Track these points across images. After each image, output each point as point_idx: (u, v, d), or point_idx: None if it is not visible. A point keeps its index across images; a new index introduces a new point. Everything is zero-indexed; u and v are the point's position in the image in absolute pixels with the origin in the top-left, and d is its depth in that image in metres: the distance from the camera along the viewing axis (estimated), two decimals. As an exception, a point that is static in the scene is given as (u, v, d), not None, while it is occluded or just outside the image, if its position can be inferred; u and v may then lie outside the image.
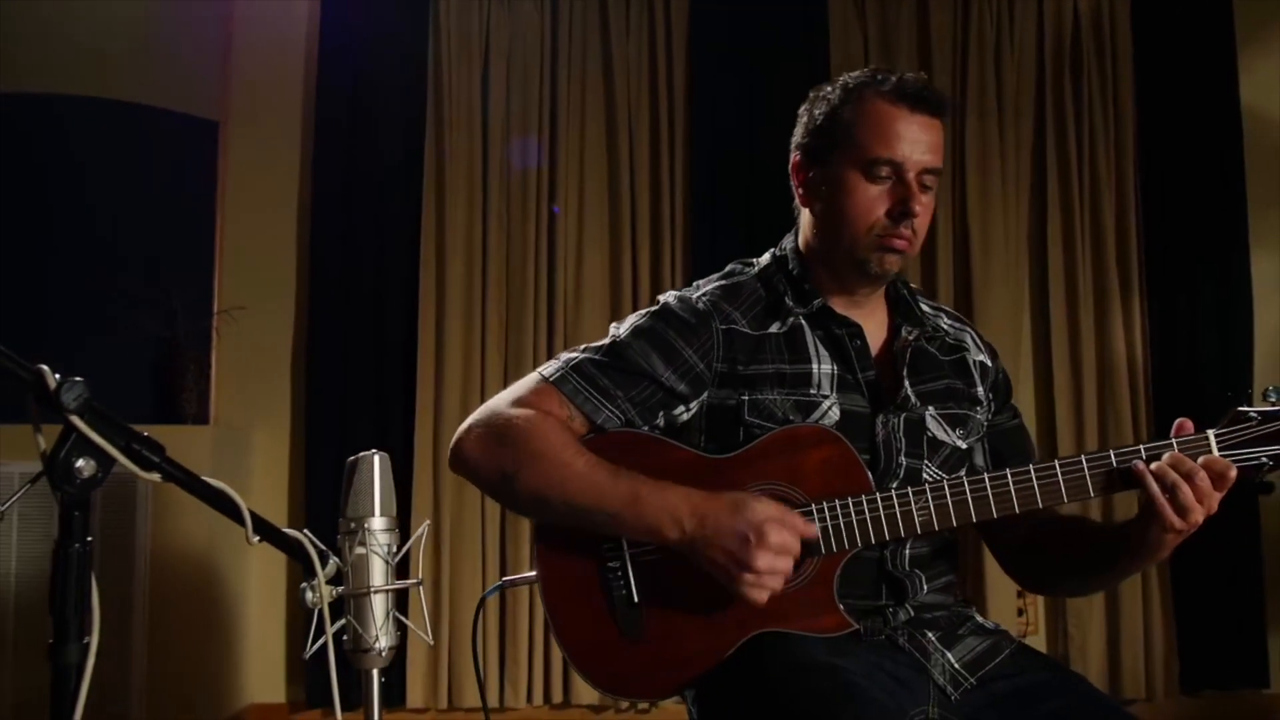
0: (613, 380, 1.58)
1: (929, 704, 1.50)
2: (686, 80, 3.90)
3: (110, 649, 3.39)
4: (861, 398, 1.59)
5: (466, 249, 3.83)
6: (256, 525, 1.16)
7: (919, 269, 3.88)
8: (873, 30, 3.93)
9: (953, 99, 3.88)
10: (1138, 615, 3.76)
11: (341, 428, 3.69)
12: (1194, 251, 3.89)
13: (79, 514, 1.06)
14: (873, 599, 1.55)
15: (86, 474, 1.05)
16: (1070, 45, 3.96)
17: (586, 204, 3.87)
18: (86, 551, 1.06)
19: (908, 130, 1.56)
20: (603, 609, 1.52)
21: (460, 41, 3.86)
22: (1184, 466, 1.41)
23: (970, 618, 1.61)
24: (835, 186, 1.59)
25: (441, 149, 3.84)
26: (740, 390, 1.58)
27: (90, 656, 1.07)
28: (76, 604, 1.06)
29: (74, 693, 1.06)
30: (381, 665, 1.23)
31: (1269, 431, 1.44)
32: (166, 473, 1.10)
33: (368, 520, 1.25)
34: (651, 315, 1.64)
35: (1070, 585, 1.77)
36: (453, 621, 3.68)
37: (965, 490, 1.47)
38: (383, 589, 1.22)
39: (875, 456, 1.56)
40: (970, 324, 1.81)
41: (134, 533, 3.42)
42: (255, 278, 3.86)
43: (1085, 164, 3.91)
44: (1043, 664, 1.58)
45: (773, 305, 1.64)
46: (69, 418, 1.01)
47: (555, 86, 3.89)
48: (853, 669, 1.39)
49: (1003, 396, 1.76)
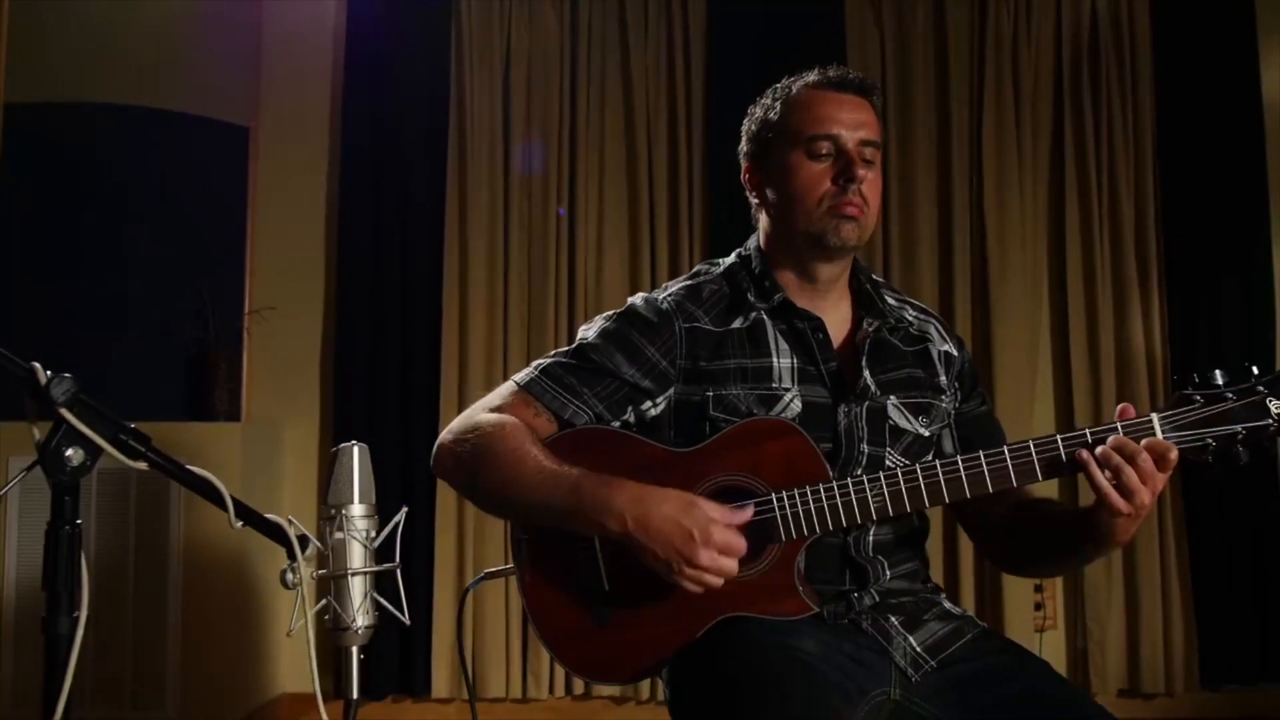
0: (578, 379, 1.66)
1: (890, 685, 1.56)
2: (704, 82, 3.95)
3: (146, 643, 3.52)
4: (823, 388, 1.65)
5: (489, 249, 3.91)
6: (239, 511, 1.25)
7: (936, 264, 3.90)
8: (889, 30, 3.96)
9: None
10: (1157, 609, 3.75)
11: (369, 423, 3.78)
12: (1214, 244, 3.87)
13: (69, 498, 1.16)
14: (837, 584, 1.61)
15: (76, 462, 1.15)
16: (1089, 41, 3.95)
17: (606, 204, 3.94)
18: (76, 533, 1.16)
19: (838, 109, 1.66)
20: (575, 598, 1.59)
21: (482, 47, 3.94)
22: (1127, 450, 1.44)
23: (937, 603, 1.67)
24: (782, 173, 1.68)
25: (464, 152, 3.92)
26: (705, 386, 1.65)
27: (79, 629, 1.16)
28: (67, 580, 1.15)
29: (64, 661, 1.14)
30: (360, 643, 1.32)
31: (1212, 414, 1.47)
32: (152, 461, 1.19)
33: (347, 507, 1.33)
34: (617, 317, 1.72)
35: (1041, 568, 1.82)
36: (477, 613, 3.76)
37: (918, 476, 1.52)
38: (360, 571, 1.30)
39: (838, 445, 1.62)
40: (936, 315, 1.86)
41: (167, 530, 3.54)
42: (285, 279, 3.98)
43: (1104, 158, 3.90)
44: (1004, 648, 1.63)
45: (735, 302, 1.71)
46: (58, 410, 1.10)
47: (574, 90, 3.96)
48: (810, 650, 1.45)
49: (969, 385, 1.81)
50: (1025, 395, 3.83)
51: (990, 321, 3.85)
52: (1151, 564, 3.76)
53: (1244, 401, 1.47)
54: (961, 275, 3.88)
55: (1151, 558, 3.76)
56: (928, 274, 3.89)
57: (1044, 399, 3.94)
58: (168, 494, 3.54)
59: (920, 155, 3.92)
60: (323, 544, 1.31)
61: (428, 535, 3.76)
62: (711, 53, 3.95)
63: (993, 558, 1.82)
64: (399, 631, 3.76)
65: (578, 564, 1.59)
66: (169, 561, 3.55)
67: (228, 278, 3.93)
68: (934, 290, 3.88)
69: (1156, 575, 3.77)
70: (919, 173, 3.92)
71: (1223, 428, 1.47)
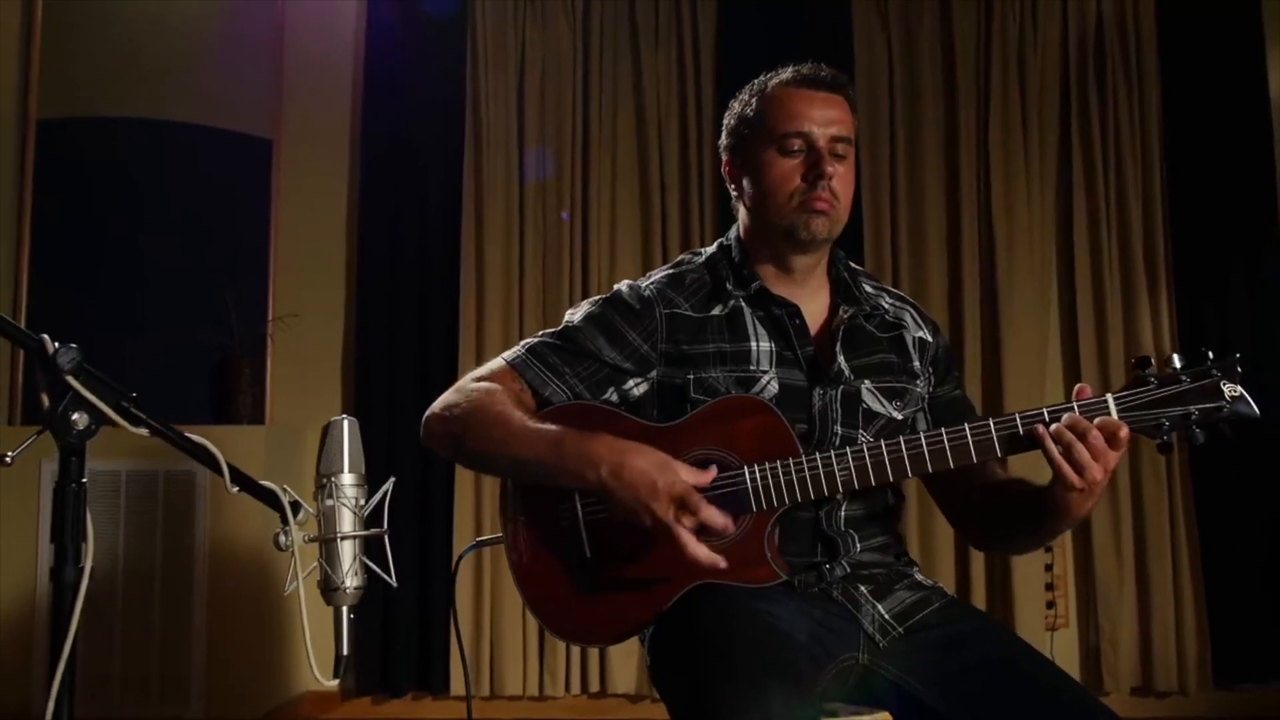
0: (561, 359, 1.75)
1: (859, 650, 1.64)
2: (714, 88, 4.02)
3: (171, 642, 3.62)
4: (800, 372, 1.73)
5: (504, 255, 3.99)
6: (234, 476, 1.34)
7: (945, 266, 3.94)
8: (896, 34, 4.01)
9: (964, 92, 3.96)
10: (1169, 607, 3.77)
11: (388, 427, 3.86)
12: (1222, 246, 3.89)
13: (75, 459, 1.25)
14: (809, 556, 1.68)
15: (81, 426, 1.25)
16: (1094, 43, 3.99)
17: (619, 208, 4.02)
18: (82, 490, 1.26)
19: (810, 107, 1.73)
20: (559, 565, 1.68)
21: (496, 57, 4.03)
22: (1079, 427, 1.50)
23: (908, 575, 1.73)
24: (757, 169, 1.76)
25: (479, 159, 4.01)
26: (686, 370, 1.73)
27: (84, 579, 1.25)
28: (74, 534, 1.25)
29: (70, 607, 1.24)
30: (350, 603, 1.40)
31: (1166, 395, 1.53)
32: (152, 428, 1.28)
33: (337, 476, 1.41)
34: (602, 302, 1.80)
35: (1008, 543, 1.87)
36: (494, 610, 3.83)
37: (883, 452, 1.59)
38: (349, 535, 1.38)
39: (812, 426, 1.70)
40: (912, 302, 1.93)
41: (193, 532, 3.65)
42: (307, 286, 4.09)
43: (1111, 160, 3.93)
44: (970, 615, 1.70)
45: (715, 290, 1.79)
46: (64, 377, 1.19)
47: (587, 97, 4.04)
48: (778, 614, 1.52)
49: (943, 369, 1.88)
50: (1034, 397, 3.85)
51: (999, 323, 3.89)
52: (1163, 562, 3.78)
53: (1198, 384, 1.53)
54: (970, 277, 3.92)
55: (1163, 556, 3.78)
56: (936, 276, 3.93)
57: (1053, 392, 3.96)
58: (194, 497, 3.65)
59: (928, 158, 3.97)
60: (315, 511, 1.39)
61: (446, 543, 3.82)
62: (721, 59, 4.03)
63: (965, 535, 1.90)
64: (419, 631, 3.84)
65: (562, 534, 1.67)
66: (194, 563, 3.66)
67: (251, 285, 4.04)
68: (942, 292, 3.92)
69: (1169, 573, 3.78)
70: (927, 175, 3.97)
71: (1177, 409, 1.53)
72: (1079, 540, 3.90)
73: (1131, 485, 3.82)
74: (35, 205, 3.96)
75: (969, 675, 1.55)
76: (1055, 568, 3.86)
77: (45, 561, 3.65)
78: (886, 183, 3.97)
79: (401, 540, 3.73)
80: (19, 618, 3.64)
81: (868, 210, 3.91)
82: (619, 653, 3.78)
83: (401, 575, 3.86)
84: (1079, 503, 1.54)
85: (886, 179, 3.98)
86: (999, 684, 1.53)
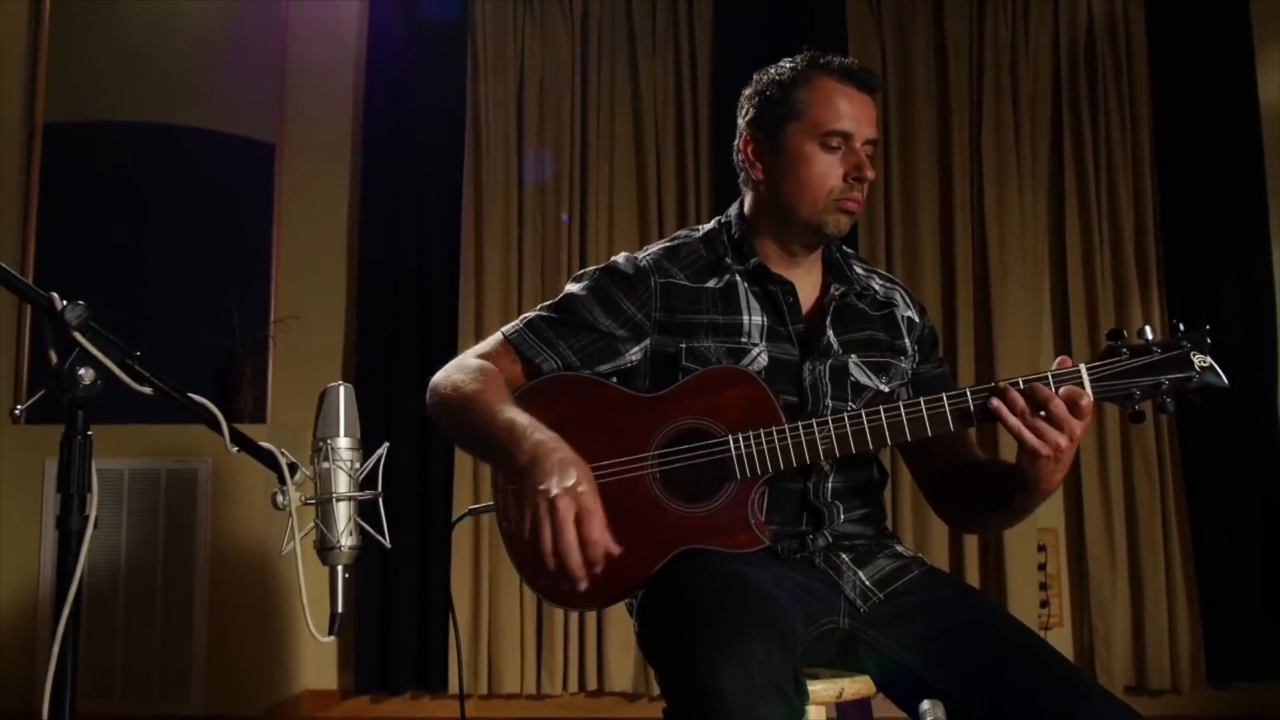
0: (555, 331, 1.79)
1: (840, 615, 1.68)
2: (710, 96, 4.08)
3: (172, 638, 3.65)
4: (791, 346, 1.77)
5: (504, 259, 4.04)
6: (234, 437, 1.38)
7: (939, 270, 3.99)
8: (890, 40, 4.07)
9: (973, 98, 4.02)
10: (1162, 606, 3.80)
11: (388, 426, 3.90)
12: (1214, 250, 3.93)
13: (82, 412, 1.31)
14: (795, 525, 1.73)
15: (87, 380, 1.30)
16: (1085, 47, 4.05)
17: (616, 214, 4.08)
18: (87, 442, 1.31)
19: (854, 106, 1.77)
20: None
21: (496, 65, 4.09)
22: (1039, 395, 1.55)
23: (889, 546, 1.78)
24: (794, 159, 1.78)
25: (479, 165, 4.07)
26: (678, 338, 1.77)
27: (89, 526, 1.29)
28: (79, 484, 1.30)
29: (75, 554, 1.28)
30: (344, 562, 1.43)
31: (1137, 365, 1.58)
32: (155, 386, 1.33)
33: (333, 439, 1.45)
34: (599, 273, 1.85)
35: (982, 519, 1.90)
36: (492, 610, 3.86)
37: (863, 421, 1.64)
38: (345, 496, 1.42)
39: (803, 399, 1.74)
40: (901, 284, 1.98)
41: (194, 527, 3.68)
42: (308, 289, 4.14)
43: (1102, 165, 3.99)
44: (949, 582, 1.75)
45: (712, 264, 1.83)
46: (71, 333, 1.24)
47: (585, 104, 4.10)
48: (760, 577, 1.55)
49: (928, 347, 1.93)
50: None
51: (992, 326, 3.93)
52: (1156, 561, 3.81)
53: (1168, 355, 1.58)
54: (964, 281, 3.97)
55: (1156, 555, 3.81)
56: (930, 280, 3.98)
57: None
58: (195, 494, 3.69)
59: (922, 162, 4.02)
60: (311, 472, 1.43)
61: (444, 548, 3.83)
62: (718, 66, 4.08)
63: (944, 512, 1.94)
64: (417, 630, 3.87)
65: None
66: (196, 560, 3.69)
67: (254, 288, 4.09)
68: (936, 295, 3.96)
69: (1161, 572, 3.81)
70: (921, 179, 4.02)
71: (1148, 378, 1.58)
72: (1072, 539, 3.93)
73: (1124, 485, 3.86)
74: (40, 208, 4.02)
75: (946, 638, 1.59)
76: (1049, 567, 3.89)
77: (49, 561, 3.68)
78: (881, 186, 4.02)
79: (401, 548, 3.78)
80: (21, 619, 3.67)
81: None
82: (616, 650, 3.81)
83: (400, 574, 3.87)
84: (1045, 474, 1.58)
85: (881, 182, 4.02)
86: (975, 646, 1.57)
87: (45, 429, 3.71)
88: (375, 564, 3.82)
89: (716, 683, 1.32)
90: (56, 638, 1.23)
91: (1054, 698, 1.48)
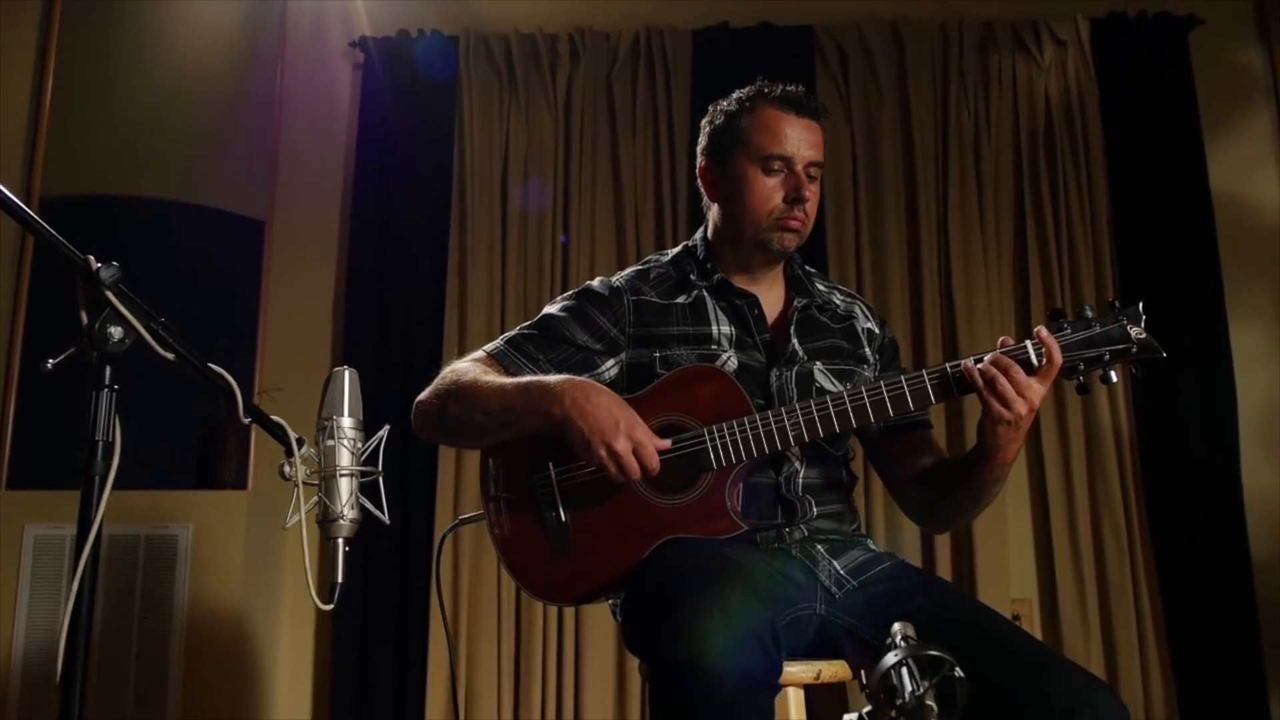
0: (536, 346, 1.92)
1: (816, 601, 1.76)
2: (688, 169, 4.19)
3: (145, 705, 3.60)
4: (759, 354, 1.90)
5: (487, 335, 4.12)
6: (247, 409, 1.46)
7: (909, 341, 4.11)
8: (859, 125, 4.25)
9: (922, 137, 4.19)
10: (1136, 673, 3.81)
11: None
12: (1173, 324, 4.04)
13: (110, 367, 1.42)
14: (770, 518, 1.83)
15: (116, 338, 1.42)
16: (1044, 134, 4.25)
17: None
18: (114, 393, 1.42)
19: (794, 131, 1.91)
20: (537, 530, 1.80)
21: (481, 146, 4.26)
22: (1001, 363, 1.69)
23: (862, 543, 1.87)
24: (738, 182, 1.93)
25: (464, 245, 4.19)
26: (652, 349, 1.89)
27: (112, 472, 1.39)
28: (107, 432, 1.41)
29: (99, 496, 1.37)
30: (346, 534, 1.50)
31: (1079, 339, 1.72)
32: (179, 352, 1.41)
33: (337, 418, 1.54)
34: (576, 295, 1.99)
35: (948, 501, 1.95)
36: (470, 644, 3.81)
37: (829, 405, 1.74)
38: (347, 471, 1.49)
39: (770, 403, 1.85)
40: (861, 299, 2.13)
41: (172, 592, 3.68)
42: (293, 361, 4.22)
43: (1064, 242, 4.15)
44: (918, 573, 1.86)
45: (680, 282, 1.97)
46: (104, 291, 1.32)
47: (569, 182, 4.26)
48: (740, 555, 1.63)
49: (889, 356, 2.08)
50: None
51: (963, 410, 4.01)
52: (1128, 627, 3.84)
53: (1107, 329, 1.70)
54: (933, 350, 4.09)
55: (1128, 621, 3.85)
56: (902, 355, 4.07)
57: (1017, 477, 4.07)
58: (174, 560, 3.69)
59: (890, 241, 4.17)
60: (315, 448, 1.51)
61: (423, 611, 3.85)
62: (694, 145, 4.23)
63: (909, 506, 2.03)
64: (394, 675, 3.81)
65: (538, 502, 1.80)
66: (172, 628, 3.67)
67: (240, 359, 4.16)
68: (908, 364, 4.05)
69: (1134, 640, 3.84)
70: (891, 258, 4.16)
71: (1090, 351, 1.71)
72: (1046, 609, 3.97)
73: (1094, 552, 3.92)
74: (33, 278, 4.11)
75: (917, 620, 1.65)
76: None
77: (22, 630, 3.66)
78: (852, 264, 4.16)
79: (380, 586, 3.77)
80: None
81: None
82: (593, 682, 3.80)
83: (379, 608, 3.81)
84: (1005, 438, 1.69)
85: (852, 260, 4.17)
86: (947, 627, 1.63)
87: (28, 494, 3.73)
88: (354, 623, 3.81)
89: (697, 627, 1.39)
90: (79, 569, 1.28)
91: (1024, 674, 1.55)
